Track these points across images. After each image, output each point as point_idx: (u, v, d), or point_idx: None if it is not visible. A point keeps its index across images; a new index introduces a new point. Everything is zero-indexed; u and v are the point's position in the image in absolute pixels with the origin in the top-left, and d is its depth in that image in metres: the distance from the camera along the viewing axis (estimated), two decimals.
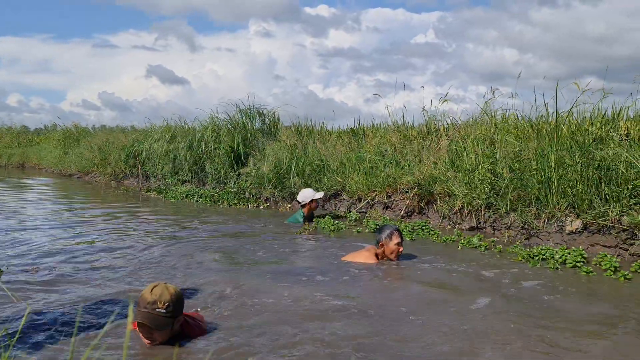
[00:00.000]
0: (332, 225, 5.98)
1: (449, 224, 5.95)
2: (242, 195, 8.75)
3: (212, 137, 10.12)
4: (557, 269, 4.02)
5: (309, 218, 6.52)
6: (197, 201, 9.01)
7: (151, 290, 2.49)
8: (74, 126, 20.16)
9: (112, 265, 4.28)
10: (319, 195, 6.54)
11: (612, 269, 3.85)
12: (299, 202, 6.54)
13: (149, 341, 2.54)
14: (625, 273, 3.74)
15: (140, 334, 2.54)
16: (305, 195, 6.46)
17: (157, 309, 2.45)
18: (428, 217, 6.29)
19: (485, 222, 5.64)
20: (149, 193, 10.73)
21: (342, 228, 5.99)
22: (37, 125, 36.90)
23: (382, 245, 4.25)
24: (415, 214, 6.44)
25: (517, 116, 6.47)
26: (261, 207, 8.22)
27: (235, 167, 9.56)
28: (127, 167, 13.29)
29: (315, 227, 6.08)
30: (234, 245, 5.18)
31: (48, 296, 3.36)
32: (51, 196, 10.85)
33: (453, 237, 5.17)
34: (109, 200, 9.66)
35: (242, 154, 9.55)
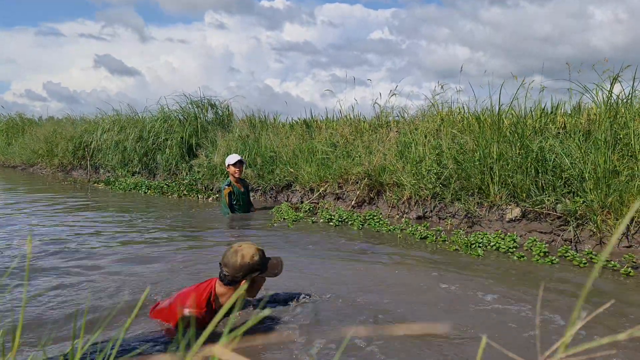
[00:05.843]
0: (294, 216, 5.94)
1: (398, 214, 6.07)
2: (193, 187, 8.60)
3: (162, 128, 9.90)
4: (479, 256, 4.18)
5: (240, 184, 6.54)
6: (145, 192, 8.79)
7: (252, 253, 2.55)
8: (19, 116, 19.28)
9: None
10: (230, 161, 6.53)
11: (541, 254, 4.05)
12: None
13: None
14: (553, 258, 3.95)
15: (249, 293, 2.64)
16: (227, 158, 6.63)
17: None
18: (378, 207, 6.38)
19: (431, 211, 5.79)
20: (96, 184, 10.38)
21: (301, 218, 5.97)
22: None
23: None
24: (365, 204, 6.53)
25: (463, 109, 6.65)
26: (210, 198, 8.09)
27: (187, 158, 9.39)
28: (76, 158, 12.82)
29: (276, 221, 6.02)
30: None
31: None
32: None
33: (401, 226, 5.28)
34: (45, 190, 9.28)
35: (194, 145, 9.39)
